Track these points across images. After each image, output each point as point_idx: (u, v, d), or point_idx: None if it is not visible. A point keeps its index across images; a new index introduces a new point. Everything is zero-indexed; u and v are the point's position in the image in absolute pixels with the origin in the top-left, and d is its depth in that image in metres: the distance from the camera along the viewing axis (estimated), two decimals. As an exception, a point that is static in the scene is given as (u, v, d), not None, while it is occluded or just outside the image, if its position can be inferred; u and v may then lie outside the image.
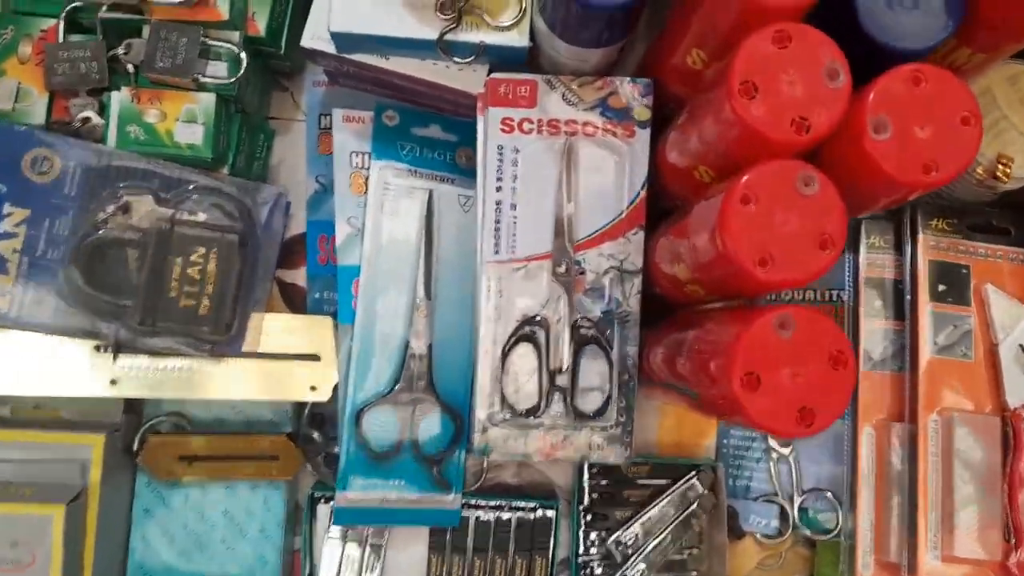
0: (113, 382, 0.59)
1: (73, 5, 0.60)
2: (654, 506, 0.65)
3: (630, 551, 0.64)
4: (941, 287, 0.59)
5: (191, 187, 0.60)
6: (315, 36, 0.59)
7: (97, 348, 0.59)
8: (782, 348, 0.42)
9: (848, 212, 0.43)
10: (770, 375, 0.41)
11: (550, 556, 0.65)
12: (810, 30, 0.42)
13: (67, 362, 0.59)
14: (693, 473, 0.65)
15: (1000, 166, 0.56)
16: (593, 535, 0.65)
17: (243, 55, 0.59)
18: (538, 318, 0.58)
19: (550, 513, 0.65)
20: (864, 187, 0.44)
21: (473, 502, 0.65)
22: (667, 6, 0.55)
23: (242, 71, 0.58)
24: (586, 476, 0.65)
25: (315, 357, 0.63)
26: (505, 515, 0.65)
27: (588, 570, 0.64)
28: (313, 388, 0.62)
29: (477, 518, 0.65)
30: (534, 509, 0.65)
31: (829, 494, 0.64)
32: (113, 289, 0.58)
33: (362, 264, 0.64)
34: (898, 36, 0.46)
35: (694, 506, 0.64)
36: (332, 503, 0.63)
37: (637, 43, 0.62)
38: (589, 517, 0.65)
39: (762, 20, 0.43)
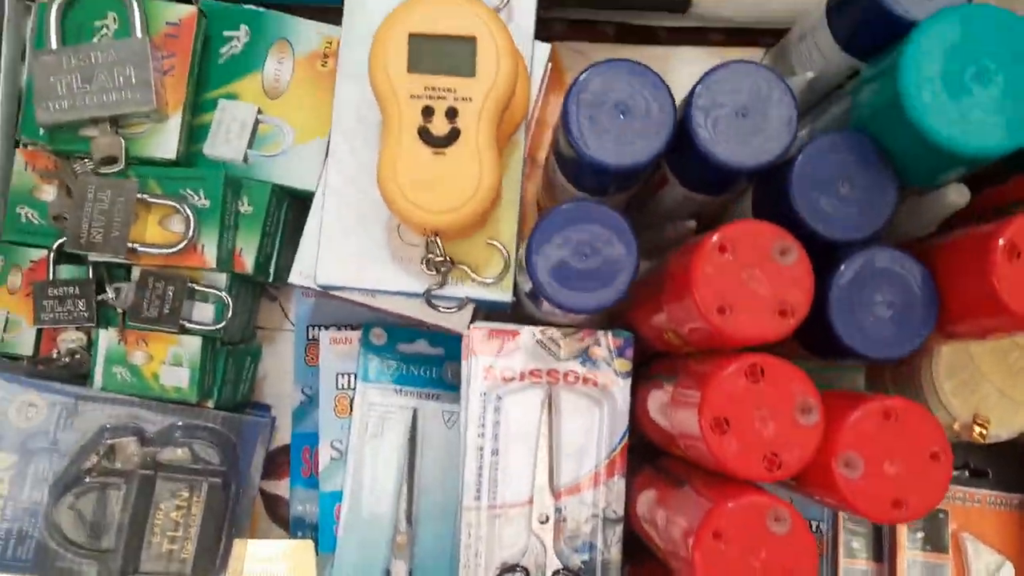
0: (93, 623, 0.59)
1: (64, 240, 0.61)
2: None
3: None
4: (919, 534, 0.60)
5: (175, 426, 0.60)
6: (303, 274, 0.60)
7: (79, 588, 0.59)
8: None
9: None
10: None
11: None
12: (782, 364, 0.43)
13: (48, 603, 0.59)
14: None
15: (976, 426, 0.56)
16: None
17: (229, 301, 0.59)
18: (518, 567, 0.58)
19: None
20: (833, 507, 0.45)
21: None
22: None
23: (228, 317, 0.59)
24: None
25: (297, 584, 0.63)
26: None
27: None
28: (294, 620, 0.62)
29: None
30: None
31: None
32: (95, 530, 0.58)
33: (344, 490, 0.64)
34: (874, 346, 0.46)
35: None
36: None
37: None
38: None
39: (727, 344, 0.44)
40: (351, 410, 0.66)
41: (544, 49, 0.62)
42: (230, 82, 0.63)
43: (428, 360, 0.67)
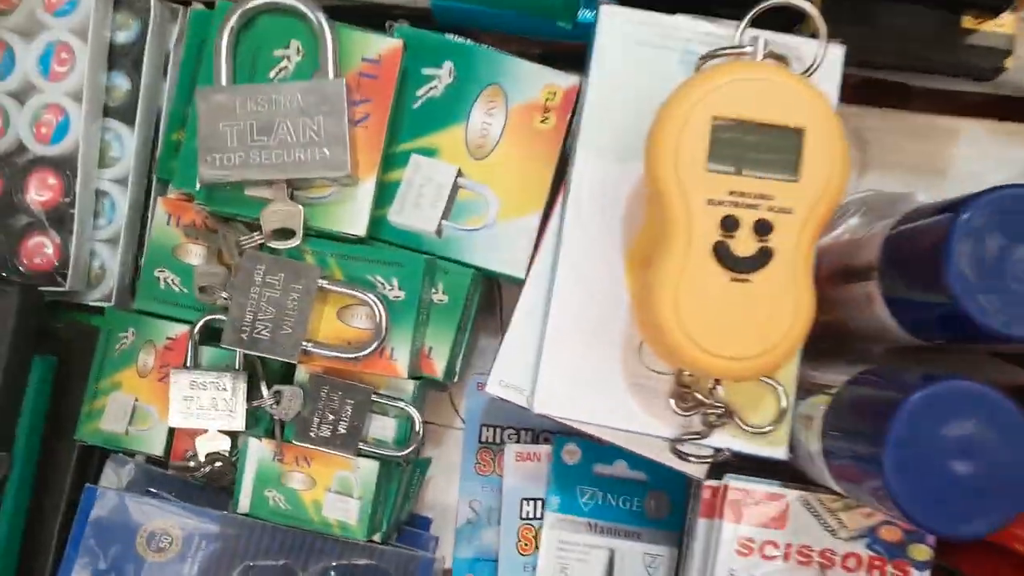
0: None
1: (211, 317, 0.49)
2: None
3: None
4: None
5: (331, 566, 0.48)
6: (503, 383, 0.47)
7: None
8: None
9: None
10: None
11: None
12: None
13: None
14: None
15: None
16: None
17: (418, 417, 0.47)
18: None
19: None
20: None
21: None
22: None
23: (416, 442, 0.47)
24: None
25: None
26: None
27: None
28: None
29: None
30: None
31: None
32: None
33: (526, 648, 0.52)
34: None
35: None
36: None
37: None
38: None
39: None
40: (536, 546, 0.54)
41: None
42: (426, 133, 0.50)
43: (628, 488, 0.55)
